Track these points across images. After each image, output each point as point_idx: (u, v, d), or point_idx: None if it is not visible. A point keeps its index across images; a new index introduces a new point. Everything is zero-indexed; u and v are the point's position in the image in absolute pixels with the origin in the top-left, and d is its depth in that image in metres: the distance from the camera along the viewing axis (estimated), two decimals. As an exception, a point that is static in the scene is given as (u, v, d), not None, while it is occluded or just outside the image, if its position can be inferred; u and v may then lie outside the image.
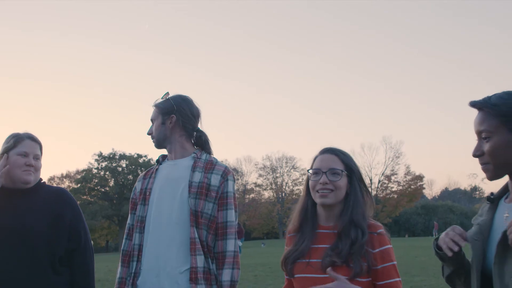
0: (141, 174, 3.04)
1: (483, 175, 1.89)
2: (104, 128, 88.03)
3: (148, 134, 2.99)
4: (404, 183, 64.91)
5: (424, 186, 69.02)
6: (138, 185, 3.00)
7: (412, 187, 64.59)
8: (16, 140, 2.78)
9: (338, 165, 2.31)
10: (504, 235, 1.71)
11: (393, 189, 65.07)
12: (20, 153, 2.75)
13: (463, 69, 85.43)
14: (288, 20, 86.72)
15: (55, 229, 2.74)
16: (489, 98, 1.85)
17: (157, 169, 2.95)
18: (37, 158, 2.83)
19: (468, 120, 2.00)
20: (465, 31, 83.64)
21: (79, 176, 62.23)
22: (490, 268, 1.80)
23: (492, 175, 1.84)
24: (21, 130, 2.88)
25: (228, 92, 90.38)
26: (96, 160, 61.33)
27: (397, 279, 2.21)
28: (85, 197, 60.35)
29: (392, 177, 64.92)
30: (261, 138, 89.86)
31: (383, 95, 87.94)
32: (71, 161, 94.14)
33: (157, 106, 2.96)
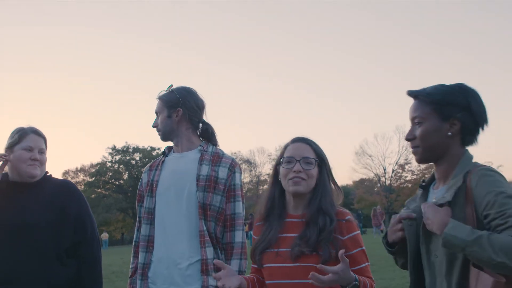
0: (147, 166, 3.06)
1: (498, 162, 1.99)
2: (117, 122, 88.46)
3: (154, 127, 2.99)
4: (418, 172, 64.45)
5: (438, 175, 68.49)
6: (144, 177, 3.01)
7: (426, 176, 63.89)
8: (21, 134, 2.81)
9: (311, 154, 2.32)
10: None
11: (407, 178, 64.68)
12: (25, 147, 2.77)
13: (478, 57, 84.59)
14: (306, 11, 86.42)
15: (61, 222, 2.76)
16: (424, 88, 2.07)
17: (163, 161, 2.96)
18: (42, 152, 2.85)
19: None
20: (480, 23, 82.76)
21: (93, 170, 62.82)
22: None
23: (421, 158, 2.06)
24: (25, 124, 2.90)
25: (241, 82, 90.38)
26: (110, 153, 61.87)
27: (367, 263, 2.26)
28: (99, 190, 60.95)
29: (406, 166, 64.48)
30: (274, 129, 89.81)
31: (396, 84, 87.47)
32: (85, 154, 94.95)
33: (162, 98, 2.96)
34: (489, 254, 1.70)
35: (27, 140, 2.79)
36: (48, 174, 2.92)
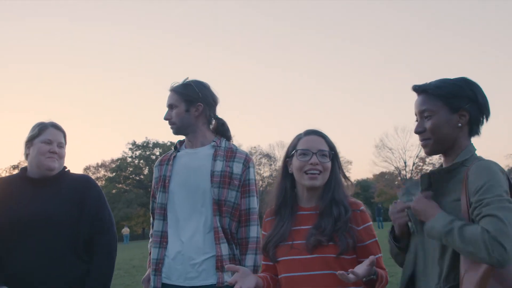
0: (158, 161, 3.03)
1: None
2: (137, 117, 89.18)
3: (166, 119, 2.92)
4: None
5: (459, 167, 67.67)
6: (156, 172, 2.99)
7: (447, 168, 63.58)
8: (41, 128, 2.87)
9: (325, 147, 2.31)
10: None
11: (428, 171, 64.23)
12: (44, 140, 2.83)
13: (494, 48, 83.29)
14: (325, 2, 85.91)
15: (79, 216, 2.78)
16: (430, 83, 2.12)
17: (174, 156, 2.93)
18: (61, 146, 2.90)
19: (506, 100, 2.03)
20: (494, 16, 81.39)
21: (114, 165, 63.48)
22: None
23: (431, 150, 2.11)
24: (46, 119, 2.96)
25: (261, 77, 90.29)
26: (130, 149, 62.48)
27: (380, 254, 2.25)
28: (120, 185, 61.55)
29: (427, 159, 63.85)
30: (294, 123, 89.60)
31: (416, 77, 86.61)
32: (106, 150, 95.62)
33: (178, 91, 2.90)
34: (458, 244, 1.80)
35: (47, 133, 2.85)
36: (67, 169, 2.95)
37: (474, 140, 2.13)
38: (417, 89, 2.13)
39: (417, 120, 2.13)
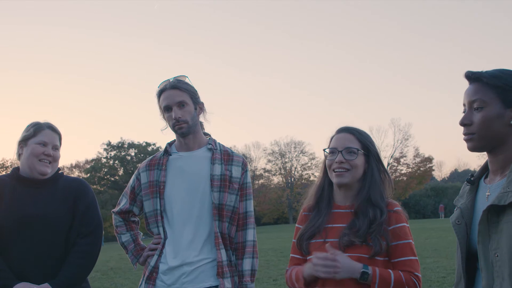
0: (144, 165, 2.85)
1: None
2: (112, 117, 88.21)
3: (177, 118, 2.69)
4: (414, 165, 64.56)
5: (433, 168, 68.63)
6: (143, 177, 2.82)
7: (421, 169, 64.26)
8: (36, 129, 2.79)
9: (354, 144, 2.29)
10: (484, 214, 1.75)
11: (403, 172, 64.72)
12: (39, 142, 2.76)
13: (471, 50, 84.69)
14: (296, 5, 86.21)
15: (71, 217, 2.76)
16: (486, 71, 1.87)
17: (167, 160, 2.80)
18: (56, 148, 2.83)
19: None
20: (474, 14, 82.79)
21: (88, 166, 62.55)
22: (475, 248, 1.82)
23: (476, 146, 1.86)
24: (41, 119, 2.88)
25: (235, 78, 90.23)
26: (105, 149, 61.58)
27: (413, 257, 2.18)
28: (95, 186, 60.61)
29: (401, 160, 64.53)
30: (269, 123, 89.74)
31: (391, 77, 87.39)
32: (80, 151, 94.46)
33: (186, 89, 2.74)
34: None
35: (42, 135, 2.78)
36: (61, 172, 2.91)
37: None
38: (470, 76, 1.89)
39: (464, 111, 1.89)
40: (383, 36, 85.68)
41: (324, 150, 2.33)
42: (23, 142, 2.79)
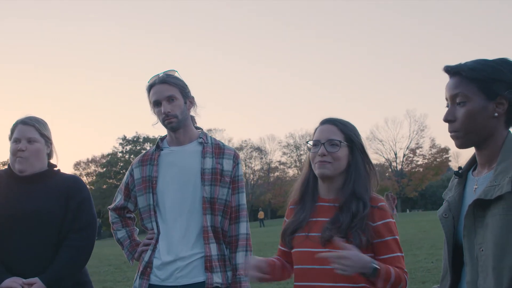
0: (137, 161, 2.87)
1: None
2: (127, 112, 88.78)
3: (166, 112, 2.69)
4: (430, 156, 64.26)
5: (450, 158, 68.11)
6: (136, 172, 2.83)
7: (437, 160, 63.96)
8: (12, 128, 2.80)
9: (337, 136, 2.24)
10: (470, 208, 1.71)
11: (419, 163, 64.49)
12: (13, 140, 2.76)
13: (487, 41, 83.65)
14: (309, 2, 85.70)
15: (64, 213, 2.74)
16: (465, 63, 1.81)
17: (158, 155, 2.79)
18: (32, 140, 2.75)
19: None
20: (492, 4, 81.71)
21: (104, 161, 63.17)
22: (461, 242, 1.78)
23: (463, 143, 1.81)
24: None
25: (250, 72, 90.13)
26: (121, 144, 62.14)
27: (400, 253, 2.16)
28: (111, 181, 61.22)
29: (417, 151, 64.30)
30: (284, 116, 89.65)
31: (406, 68, 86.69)
32: (96, 145, 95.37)
33: (175, 83, 2.73)
34: None
35: (15, 132, 2.76)
36: (57, 169, 2.90)
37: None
38: (449, 70, 1.83)
39: (447, 106, 1.84)
40: (399, 27, 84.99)
41: (307, 142, 2.30)
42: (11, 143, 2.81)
